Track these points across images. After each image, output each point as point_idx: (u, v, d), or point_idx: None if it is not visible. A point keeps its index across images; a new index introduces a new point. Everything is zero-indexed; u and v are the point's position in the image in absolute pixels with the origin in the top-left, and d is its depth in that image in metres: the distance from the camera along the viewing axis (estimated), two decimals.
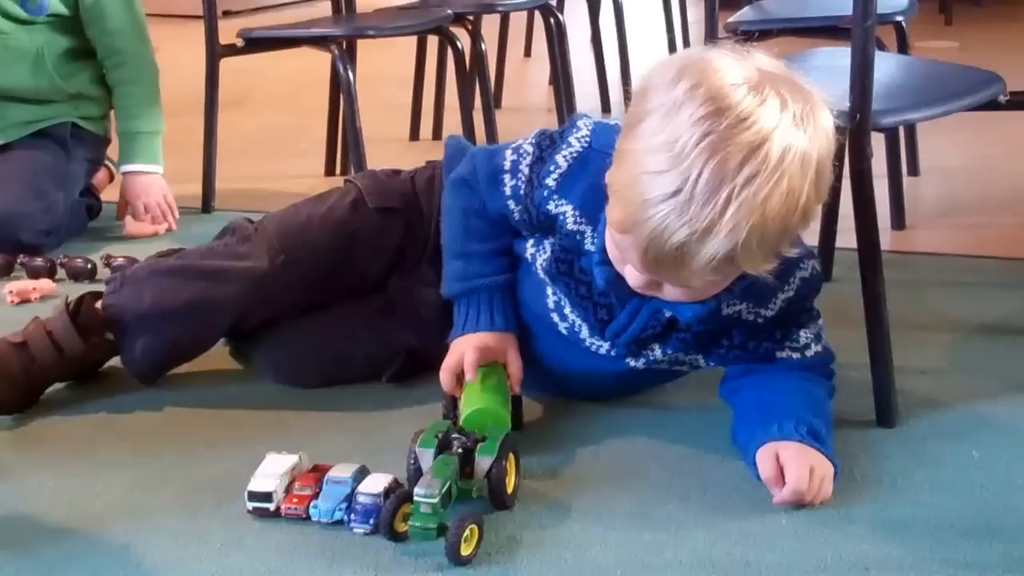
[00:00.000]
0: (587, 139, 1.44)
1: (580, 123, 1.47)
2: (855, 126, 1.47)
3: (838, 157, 1.26)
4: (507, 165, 1.49)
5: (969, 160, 2.78)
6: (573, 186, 1.42)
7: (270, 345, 1.68)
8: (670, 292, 1.32)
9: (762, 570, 1.23)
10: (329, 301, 1.68)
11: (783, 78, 1.24)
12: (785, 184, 1.19)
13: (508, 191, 1.48)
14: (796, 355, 1.47)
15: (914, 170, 2.57)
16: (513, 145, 1.51)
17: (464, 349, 1.48)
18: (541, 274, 1.49)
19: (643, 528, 1.30)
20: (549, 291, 1.50)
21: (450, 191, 1.57)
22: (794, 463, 1.33)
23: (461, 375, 1.47)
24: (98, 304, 1.65)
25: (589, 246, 1.42)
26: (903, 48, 2.38)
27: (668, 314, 1.41)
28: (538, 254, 1.50)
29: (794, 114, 1.21)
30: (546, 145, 1.47)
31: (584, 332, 1.49)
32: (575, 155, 1.43)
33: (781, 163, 1.19)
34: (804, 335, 1.47)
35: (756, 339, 1.46)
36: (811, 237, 2.05)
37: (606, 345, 1.48)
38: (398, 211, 1.66)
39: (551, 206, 1.44)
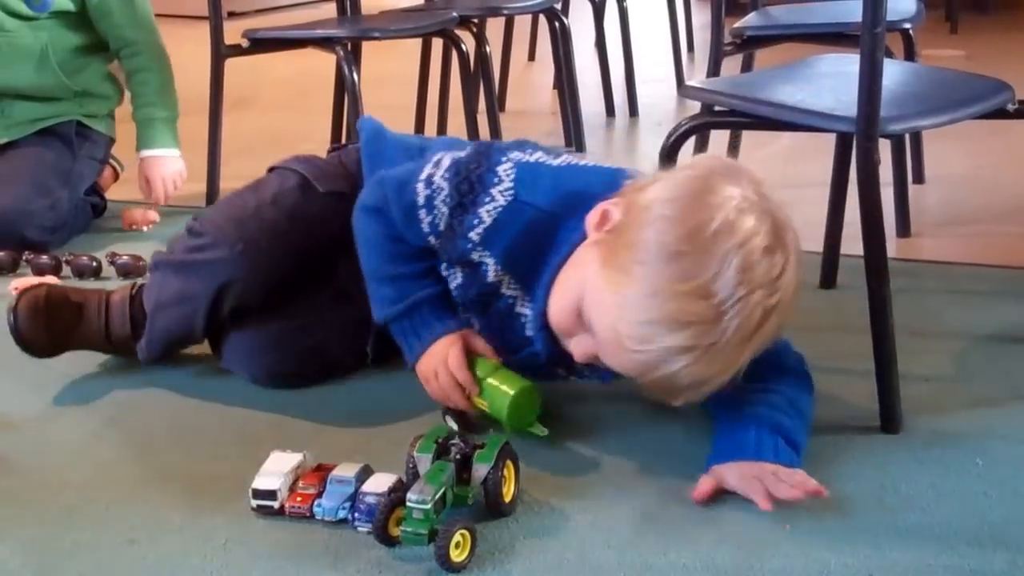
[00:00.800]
0: (511, 192, 1.41)
1: (500, 170, 1.43)
2: (863, 133, 1.47)
3: (844, 163, 1.27)
4: (421, 200, 1.45)
5: (974, 169, 2.78)
6: (496, 240, 1.42)
7: (239, 347, 1.67)
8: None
9: (765, 574, 1.22)
10: (288, 291, 1.67)
11: (782, 224, 1.31)
12: (780, 324, 1.32)
13: (426, 227, 1.46)
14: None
15: (919, 178, 2.57)
16: (423, 176, 1.46)
17: (442, 358, 1.45)
18: (452, 293, 1.51)
19: (646, 531, 1.30)
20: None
21: (365, 219, 1.53)
22: (731, 478, 1.36)
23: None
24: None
25: (521, 308, 1.46)
26: (910, 55, 2.38)
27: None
28: (450, 278, 1.51)
29: (793, 260, 1.30)
30: (465, 191, 1.43)
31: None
32: (499, 209, 1.41)
33: (784, 314, 1.30)
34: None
35: None
36: (815, 244, 2.05)
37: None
38: (344, 194, 1.64)
39: (474, 256, 1.45)
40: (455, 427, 1.47)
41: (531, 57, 4.33)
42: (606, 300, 1.30)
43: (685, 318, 1.24)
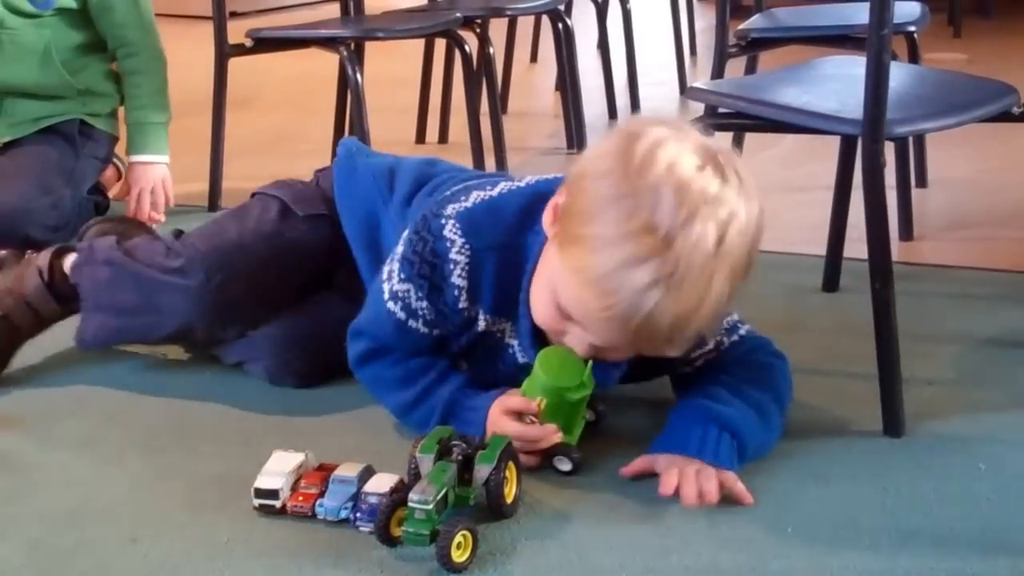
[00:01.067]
0: (467, 247, 1.41)
1: (446, 233, 1.41)
2: (869, 135, 1.47)
3: (848, 166, 1.28)
4: (402, 316, 1.46)
5: (977, 172, 2.78)
6: (479, 294, 1.43)
7: (254, 344, 1.67)
8: (616, 355, 1.39)
9: None
10: (301, 291, 1.69)
11: (723, 152, 1.31)
12: (748, 250, 1.29)
13: (422, 328, 1.46)
14: (709, 351, 1.48)
15: (922, 181, 2.56)
16: (386, 296, 1.46)
17: (501, 414, 1.41)
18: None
19: (648, 533, 1.30)
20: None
21: (364, 370, 1.52)
22: (660, 466, 1.38)
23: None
24: (66, 269, 1.73)
25: (509, 339, 1.46)
26: (914, 58, 2.38)
27: None
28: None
29: (744, 186, 1.29)
30: (428, 273, 1.43)
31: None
32: (466, 267, 1.42)
33: (747, 233, 1.28)
34: (711, 340, 1.47)
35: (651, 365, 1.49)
36: (819, 247, 2.05)
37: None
38: (324, 216, 1.68)
39: (471, 315, 1.45)
40: (567, 468, 1.42)
41: (533, 59, 4.33)
42: (570, 277, 1.31)
43: (639, 255, 1.24)
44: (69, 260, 1.74)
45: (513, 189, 1.47)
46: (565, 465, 1.42)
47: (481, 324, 1.46)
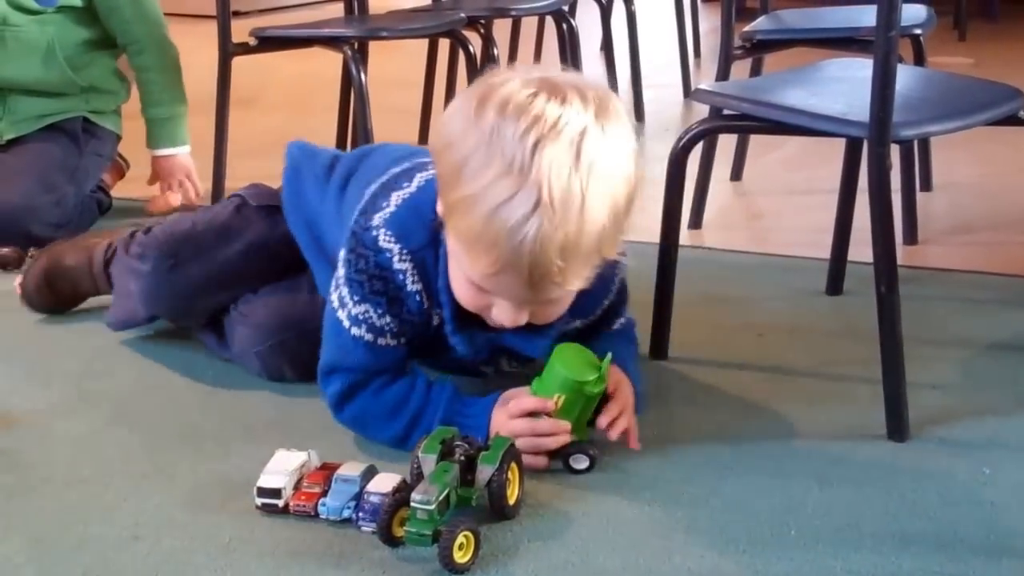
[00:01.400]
0: (404, 251, 1.40)
1: (382, 244, 1.40)
2: (876, 138, 1.46)
3: (853, 169, 1.28)
4: (369, 336, 1.43)
5: (982, 176, 2.77)
6: (434, 290, 1.41)
7: (247, 338, 1.67)
8: (545, 314, 1.38)
9: None
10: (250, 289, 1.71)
11: (565, 77, 1.30)
12: (617, 164, 1.28)
13: (392, 342, 1.44)
14: (620, 326, 1.56)
15: (927, 185, 2.56)
16: (346, 325, 1.43)
17: (507, 414, 1.41)
18: None
19: (651, 534, 1.30)
20: None
21: (347, 409, 1.47)
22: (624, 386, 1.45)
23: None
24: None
25: (446, 327, 1.44)
26: (920, 61, 2.37)
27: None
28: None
29: (594, 102, 1.27)
30: (380, 287, 1.41)
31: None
32: (416, 271, 1.40)
33: (606, 147, 1.26)
34: (618, 320, 1.55)
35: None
36: (823, 250, 2.05)
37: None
38: (277, 207, 1.71)
39: (430, 314, 1.44)
40: (583, 466, 1.41)
41: (536, 60, 4.31)
42: (460, 249, 1.32)
43: (502, 197, 1.23)
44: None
45: (429, 179, 1.44)
46: (582, 463, 1.41)
47: (435, 320, 1.45)
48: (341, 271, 1.45)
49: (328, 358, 1.47)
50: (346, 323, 1.44)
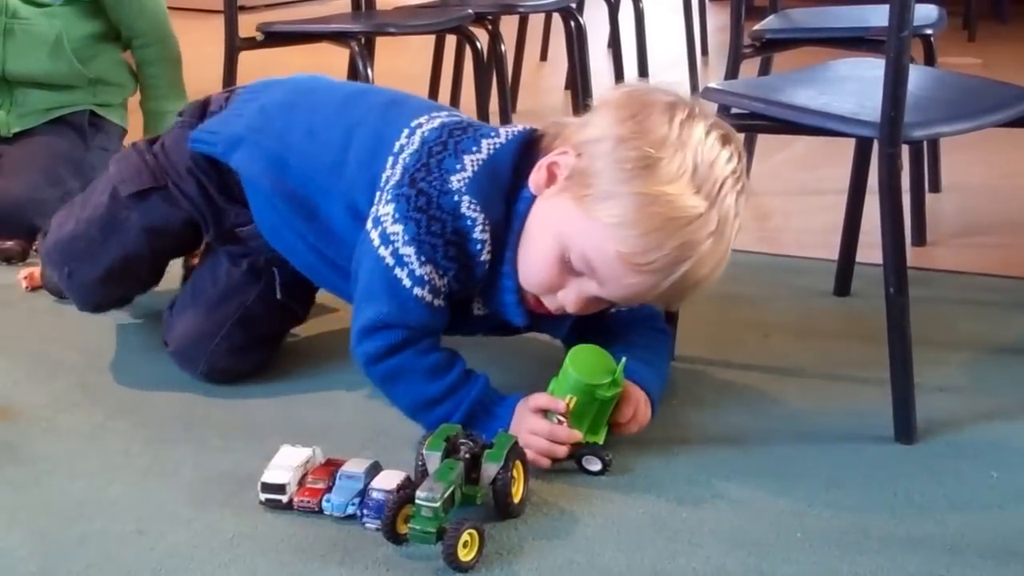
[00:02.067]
0: (487, 221, 1.39)
1: (464, 211, 1.38)
2: (887, 138, 1.45)
3: (862, 170, 1.30)
4: (429, 297, 1.40)
5: (991, 178, 2.76)
6: (501, 258, 1.42)
7: (186, 337, 1.66)
8: (597, 306, 1.42)
9: None
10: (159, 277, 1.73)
11: (730, 129, 1.41)
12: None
13: (443, 303, 1.42)
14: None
15: (935, 186, 2.55)
16: (407, 284, 1.39)
17: (527, 413, 1.40)
18: None
19: (656, 535, 1.29)
20: None
21: (387, 360, 1.42)
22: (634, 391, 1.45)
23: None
24: None
25: (472, 304, 1.48)
26: (930, 61, 2.36)
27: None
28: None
29: (741, 151, 1.40)
30: (455, 254, 1.39)
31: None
32: (491, 243, 1.40)
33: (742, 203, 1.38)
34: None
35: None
36: (831, 251, 2.04)
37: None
38: (149, 189, 1.66)
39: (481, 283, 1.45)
40: (596, 468, 1.41)
41: (543, 57, 4.32)
42: (598, 232, 1.33)
43: (686, 213, 1.31)
44: None
45: (499, 147, 1.43)
46: (595, 465, 1.41)
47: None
48: (398, 228, 1.39)
49: (382, 314, 1.40)
50: (407, 282, 1.39)
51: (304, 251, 1.58)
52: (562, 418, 1.38)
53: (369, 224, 1.43)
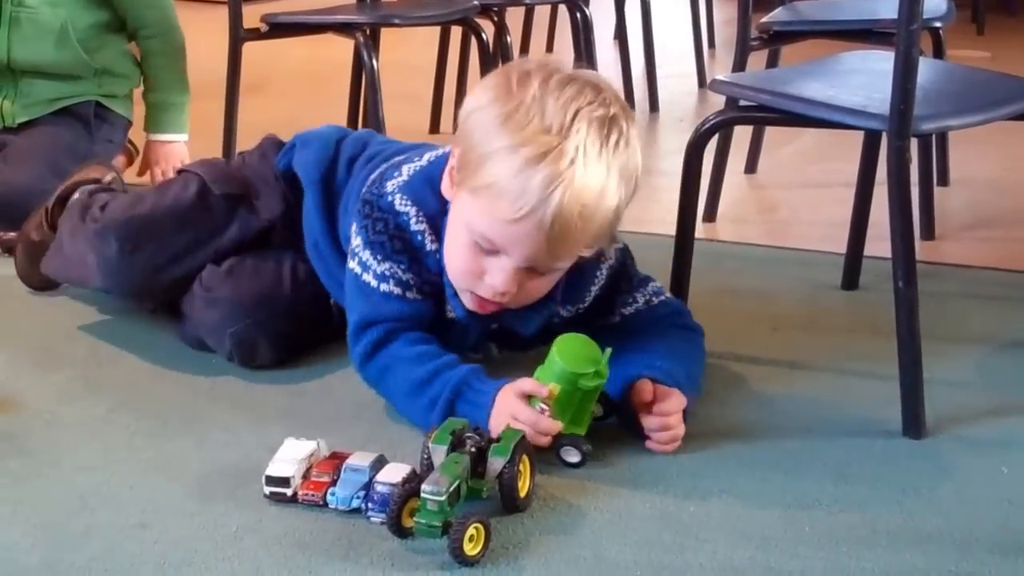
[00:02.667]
0: (421, 213, 1.49)
1: (398, 206, 1.49)
2: (896, 131, 1.44)
3: (870, 163, 1.28)
4: (398, 290, 1.50)
5: (999, 172, 2.75)
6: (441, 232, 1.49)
7: (220, 319, 1.66)
8: (533, 287, 1.44)
9: None
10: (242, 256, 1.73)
11: (593, 74, 1.45)
12: (632, 158, 1.41)
13: (419, 295, 1.51)
14: (641, 307, 1.57)
15: (944, 180, 2.54)
16: (373, 284, 1.50)
17: (512, 394, 1.40)
18: None
19: (663, 530, 1.28)
20: None
21: (375, 358, 1.50)
22: (674, 398, 1.44)
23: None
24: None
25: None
26: (939, 54, 2.35)
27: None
28: None
29: (619, 102, 1.42)
30: (401, 247, 1.49)
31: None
32: (432, 232, 1.48)
33: (628, 135, 1.40)
34: (640, 296, 1.58)
35: (585, 320, 1.57)
36: (838, 245, 2.03)
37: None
38: (239, 196, 1.74)
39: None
40: (575, 459, 1.40)
41: (549, 49, 4.30)
42: (483, 202, 1.38)
43: (540, 151, 1.34)
44: (71, 199, 1.91)
45: (436, 158, 1.54)
46: (573, 456, 1.40)
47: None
48: (357, 240, 1.52)
49: (361, 315, 1.52)
50: (374, 283, 1.50)
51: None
52: (545, 406, 1.38)
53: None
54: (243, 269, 1.69)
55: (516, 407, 1.39)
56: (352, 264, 1.53)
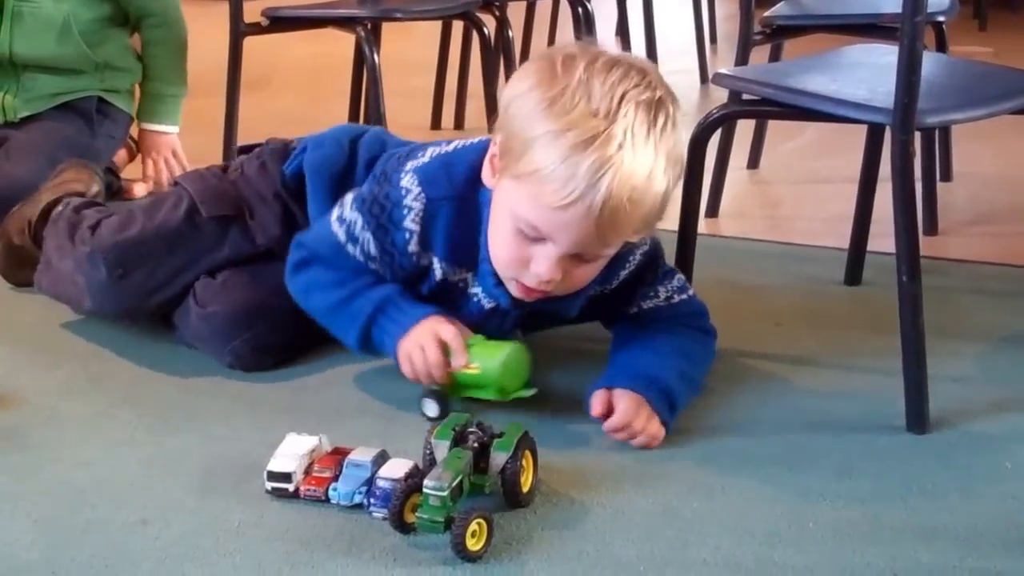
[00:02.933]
0: (423, 196, 1.48)
1: (404, 183, 1.49)
2: (900, 125, 1.44)
3: (873, 157, 1.28)
4: (342, 238, 1.53)
5: (1002, 167, 2.74)
6: (432, 241, 1.50)
7: (209, 325, 1.65)
8: (578, 275, 1.44)
9: (788, 572, 1.20)
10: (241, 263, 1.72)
11: (635, 58, 1.44)
12: (678, 143, 1.41)
13: (360, 256, 1.53)
14: (660, 302, 1.57)
15: (947, 175, 2.53)
16: (334, 218, 1.54)
17: (434, 334, 1.45)
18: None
19: (666, 525, 1.28)
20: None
21: (298, 276, 1.57)
22: (623, 401, 1.44)
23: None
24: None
25: (472, 288, 1.53)
26: (941, 48, 2.34)
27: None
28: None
29: (664, 86, 1.40)
30: (378, 212, 1.50)
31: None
32: (420, 214, 1.48)
33: (674, 118, 1.39)
34: (662, 290, 1.58)
35: (606, 305, 1.58)
36: (843, 240, 2.03)
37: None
38: (229, 217, 1.71)
39: (422, 263, 1.52)
40: (432, 414, 1.45)
41: (550, 44, 4.29)
42: (529, 189, 1.37)
43: (587, 136, 1.33)
44: (55, 212, 1.88)
45: (465, 146, 1.54)
46: (431, 410, 1.45)
47: (438, 273, 1.52)
48: (363, 188, 1.55)
49: (305, 235, 1.59)
50: (334, 219, 1.54)
51: None
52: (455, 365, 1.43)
53: None
54: (239, 281, 1.67)
55: (429, 344, 1.43)
56: (334, 207, 1.56)
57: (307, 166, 1.70)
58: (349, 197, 1.54)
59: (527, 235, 1.39)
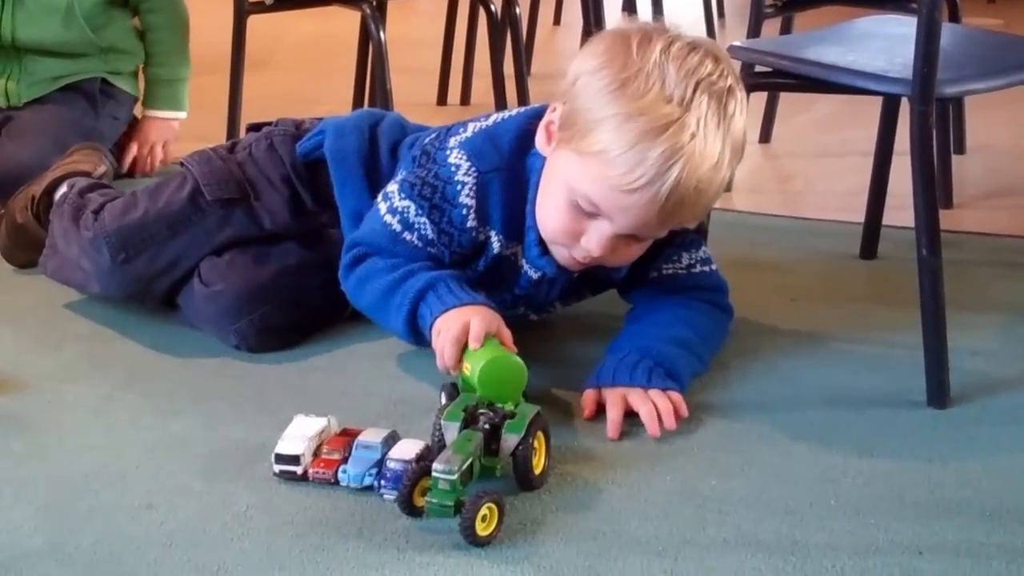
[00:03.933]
0: (473, 170, 1.48)
1: (451, 160, 1.49)
2: (919, 95, 1.40)
3: (889, 130, 1.26)
4: (398, 227, 1.51)
5: (1016, 139, 2.72)
6: (489, 214, 1.50)
7: (213, 305, 1.63)
8: (627, 253, 1.45)
9: (810, 550, 1.18)
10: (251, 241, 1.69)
11: (708, 42, 1.43)
12: (742, 131, 1.41)
13: (417, 242, 1.51)
14: (681, 269, 1.57)
15: (960, 148, 2.51)
16: (384, 211, 1.52)
17: (467, 318, 1.39)
18: None
19: (684, 504, 1.25)
20: None
21: (356, 268, 1.53)
22: (608, 398, 1.43)
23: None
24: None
25: (521, 260, 1.53)
26: (955, 19, 2.31)
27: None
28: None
29: (734, 73, 1.41)
30: (429, 194, 1.49)
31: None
32: (474, 187, 1.48)
33: (741, 107, 1.39)
34: (686, 256, 1.57)
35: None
36: (857, 214, 2.00)
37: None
38: (233, 200, 1.68)
39: (480, 237, 1.51)
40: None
41: (556, 21, 4.27)
42: (590, 166, 1.37)
43: (660, 123, 1.33)
44: (57, 193, 1.88)
45: (507, 117, 1.54)
46: (442, 401, 1.38)
47: (495, 246, 1.51)
48: (400, 175, 1.54)
49: (358, 233, 1.55)
50: (384, 212, 1.52)
51: None
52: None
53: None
54: (245, 260, 1.65)
55: (455, 327, 1.38)
56: (379, 199, 1.54)
57: (330, 155, 1.67)
58: (394, 187, 1.52)
59: (583, 209, 1.39)
